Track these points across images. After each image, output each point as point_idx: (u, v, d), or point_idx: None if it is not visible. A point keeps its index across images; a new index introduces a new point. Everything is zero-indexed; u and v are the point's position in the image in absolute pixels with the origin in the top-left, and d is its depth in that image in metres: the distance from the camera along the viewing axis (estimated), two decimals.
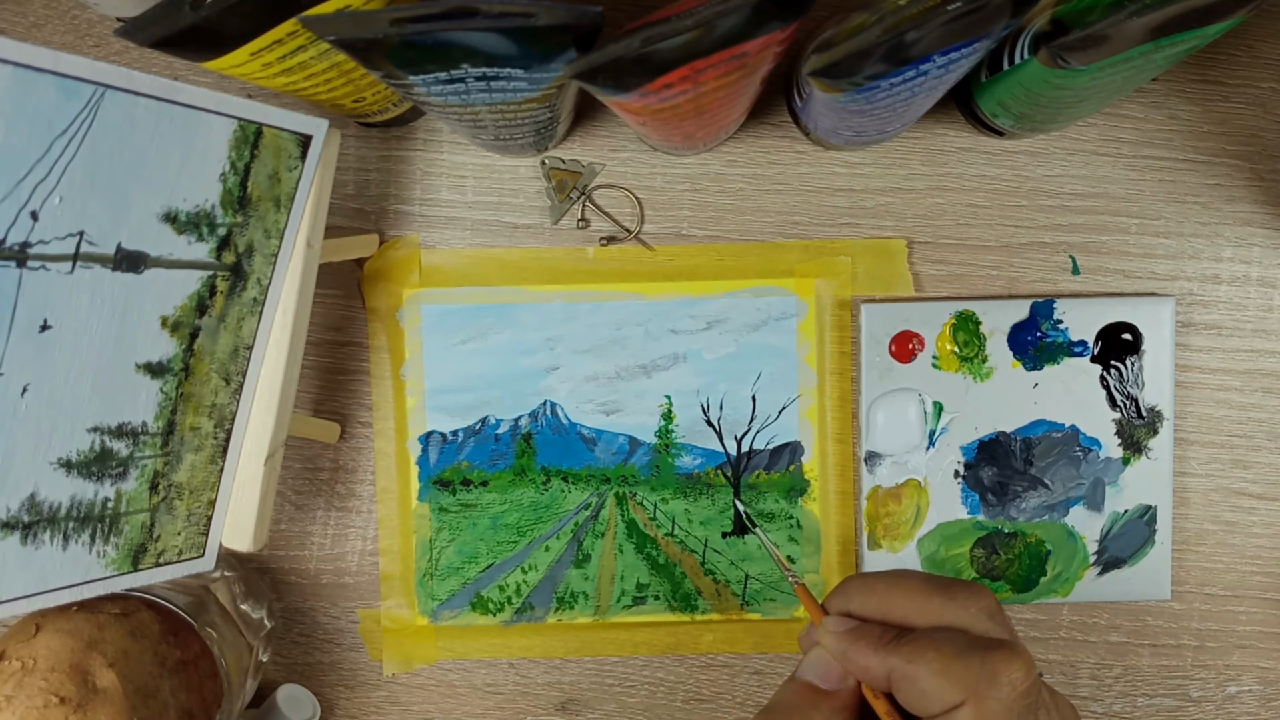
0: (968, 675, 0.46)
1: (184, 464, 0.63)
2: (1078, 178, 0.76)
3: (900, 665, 0.48)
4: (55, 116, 0.50)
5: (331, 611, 0.80)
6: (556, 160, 0.76)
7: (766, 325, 0.77)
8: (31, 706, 0.57)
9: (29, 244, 0.51)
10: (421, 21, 0.47)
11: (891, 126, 0.66)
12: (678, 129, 0.62)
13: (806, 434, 0.78)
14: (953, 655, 0.47)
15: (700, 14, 0.44)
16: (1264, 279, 0.77)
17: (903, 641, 0.49)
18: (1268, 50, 0.75)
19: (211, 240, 0.60)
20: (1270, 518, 0.79)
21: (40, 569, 0.57)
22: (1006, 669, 0.46)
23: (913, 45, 0.49)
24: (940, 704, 0.47)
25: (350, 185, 0.77)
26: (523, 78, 0.53)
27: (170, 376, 0.61)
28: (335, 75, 0.61)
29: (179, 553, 0.65)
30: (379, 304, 0.77)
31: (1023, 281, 0.77)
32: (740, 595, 0.79)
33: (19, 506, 0.55)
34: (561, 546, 0.79)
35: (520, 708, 0.80)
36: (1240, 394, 0.78)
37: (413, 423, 0.78)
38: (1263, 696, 0.80)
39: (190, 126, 0.56)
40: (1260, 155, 0.76)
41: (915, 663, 0.47)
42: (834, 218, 0.77)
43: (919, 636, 0.49)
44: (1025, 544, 0.77)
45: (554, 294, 0.77)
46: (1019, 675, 0.46)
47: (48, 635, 0.61)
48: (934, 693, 0.47)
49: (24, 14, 0.75)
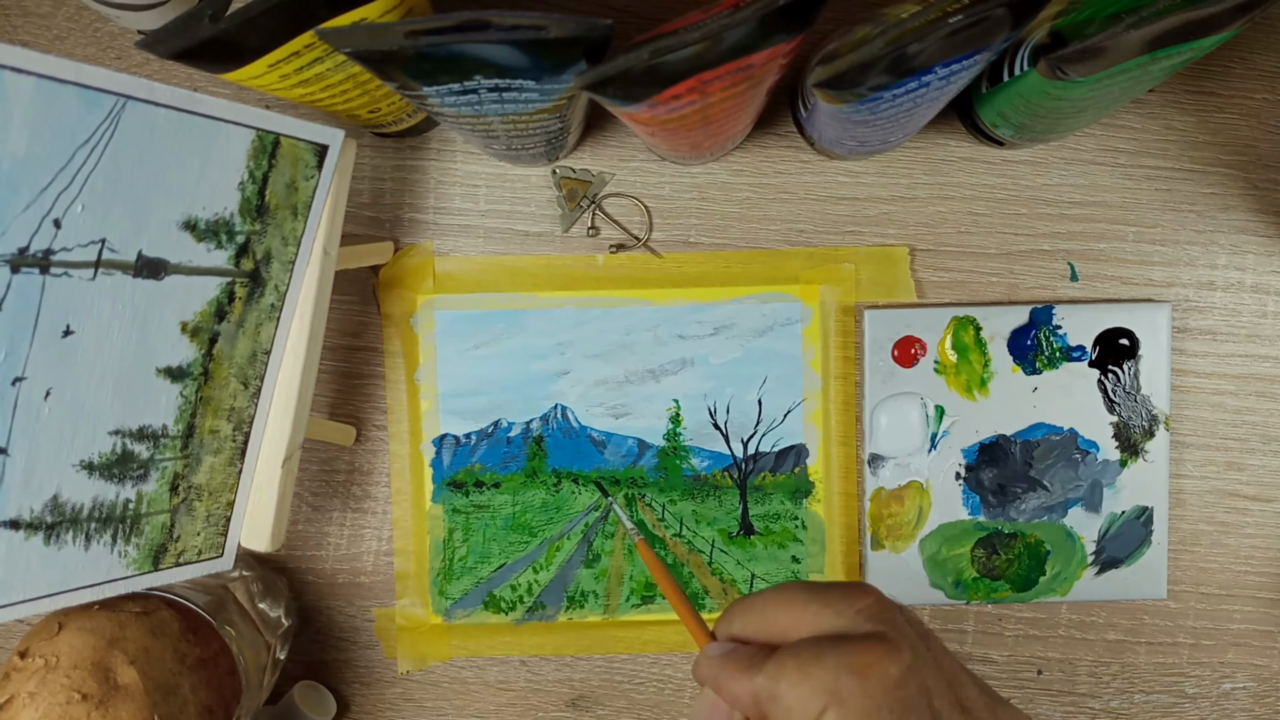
0: (825, 676, 0.41)
1: (203, 466, 0.64)
2: (1076, 186, 0.77)
3: (763, 685, 0.43)
4: (78, 127, 0.50)
5: (347, 610, 0.81)
6: (567, 169, 0.77)
7: (772, 330, 0.78)
8: (54, 703, 0.58)
9: (52, 251, 0.51)
10: (435, 34, 0.47)
11: (894, 137, 0.66)
12: (685, 139, 0.62)
13: (811, 437, 0.78)
14: (811, 658, 0.42)
15: (707, 27, 0.45)
16: (1258, 285, 0.78)
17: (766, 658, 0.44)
18: (1261, 62, 0.76)
19: (230, 247, 0.60)
20: (1264, 519, 0.79)
21: (63, 569, 0.58)
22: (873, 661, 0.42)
23: (915, 57, 0.49)
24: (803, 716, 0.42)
25: (366, 194, 0.77)
26: (534, 89, 0.53)
27: (190, 380, 0.61)
28: (351, 86, 0.62)
29: (198, 553, 0.66)
30: (394, 310, 0.78)
31: (1022, 288, 0.78)
32: (746, 594, 0.79)
33: (42, 507, 0.56)
34: (572, 547, 0.79)
35: (532, 704, 0.81)
36: (1235, 398, 0.78)
37: (427, 426, 0.79)
38: (1257, 693, 0.80)
39: (209, 136, 0.56)
40: (1254, 165, 0.77)
41: (775, 678, 0.43)
42: (838, 226, 0.77)
43: (781, 650, 0.44)
44: (1025, 544, 0.78)
45: (565, 300, 0.77)
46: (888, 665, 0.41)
47: (70, 633, 0.61)
48: (796, 705, 0.42)
49: (47, 27, 0.76)
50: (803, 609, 0.45)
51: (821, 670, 0.41)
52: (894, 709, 0.41)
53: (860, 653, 0.42)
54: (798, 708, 0.42)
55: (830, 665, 0.41)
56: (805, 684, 0.41)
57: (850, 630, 0.44)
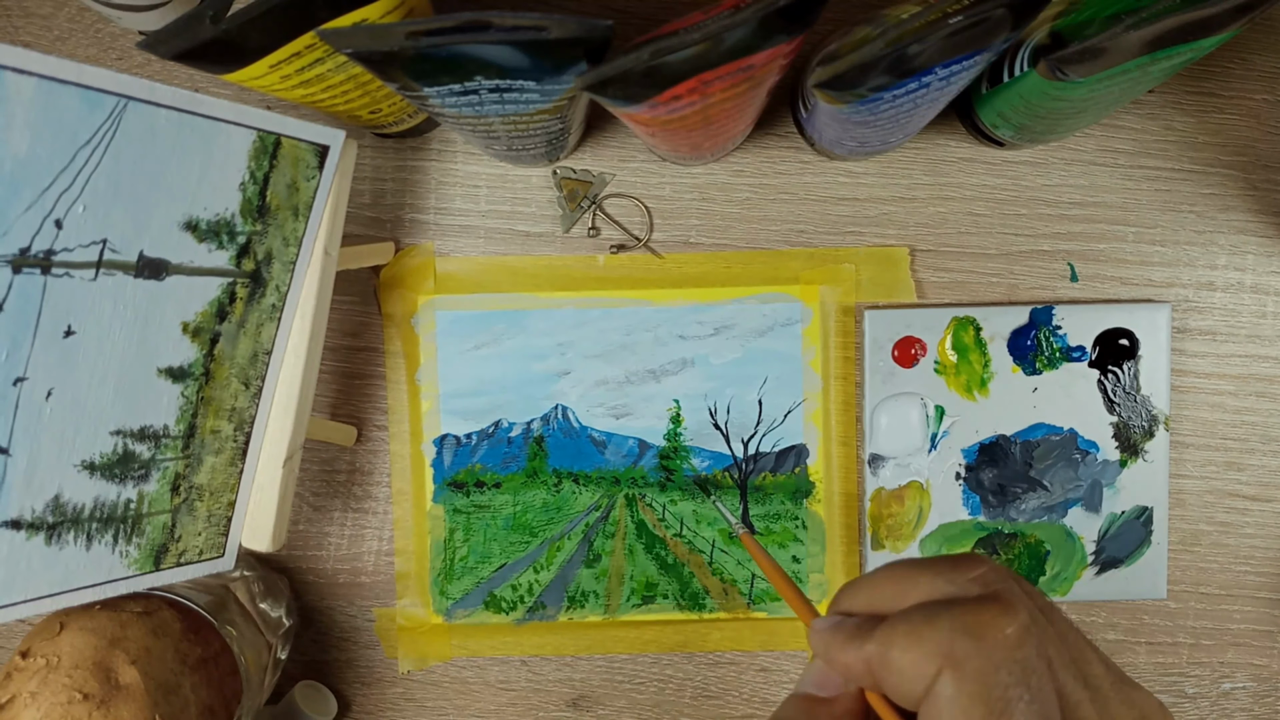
0: (939, 639, 0.39)
1: (204, 466, 0.64)
2: (1076, 187, 0.77)
3: (875, 651, 0.41)
4: (79, 127, 0.50)
5: (348, 610, 0.81)
6: (568, 170, 0.77)
7: (772, 331, 0.78)
8: (56, 703, 0.58)
9: (53, 252, 0.51)
10: (436, 35, 0.47)
11: (894, 137, 0.66)
12: (686, 139, 0.63)
13: (811, 437, 0.79)
14: (923, 621, 0.40)
15: (708, 27, 0.45)
16: (1258, 286, 0.78)
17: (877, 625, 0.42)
18: (1261, 63, 0.76)
19: (231, 248, 0.60)
20: (1263, 519, 0.79)
21: (64, 569, 0.58)
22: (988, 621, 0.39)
23: (915, 58, 0.50)
24: (918, 680, 0.39)
25: (367, 194, 0.77)
26: (535, 89, 0.53)
27: (191, 381, 0.61)
28: (352, 87, 0.62)
29: (199, 553, 0.66)
30: (395, 310, 0.78)
31: (1022, 288, 0.78)
32: (747, 594, 0.80)
33: (44, 508, 0.56)
34: (573, 547, 0.79)
35: (533, 704, 0.81)
36: (1234, 398, 0.78)
37: (427, 426, 0.79)
38: (1256, 693, 0.80)
39: (210, 137, 0.57)
40: (1254, 165, 0.77)
41: (886, 644, 0.41)
42: (838, 226, 0.77)
43: (892, 616, 0.42)
44: (1025, 544, 0.78)
45: (565, 300, 0.78)
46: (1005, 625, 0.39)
47: (71, 633, 0.61)
48: (909, 669, 0.39)
49: (49, 28, 0.76)
50: (912, 580, 0.44)
51: (934, 632, 0.39)
52: (1012, 669, 0.39)
53: (974, 613, 0.40)
54: (910, 671, 0.40)
55: (943, 627, 0.39)
56: (918, 647, 0.40)
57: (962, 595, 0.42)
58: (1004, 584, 0.42)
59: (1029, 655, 0.39)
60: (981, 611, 0.40)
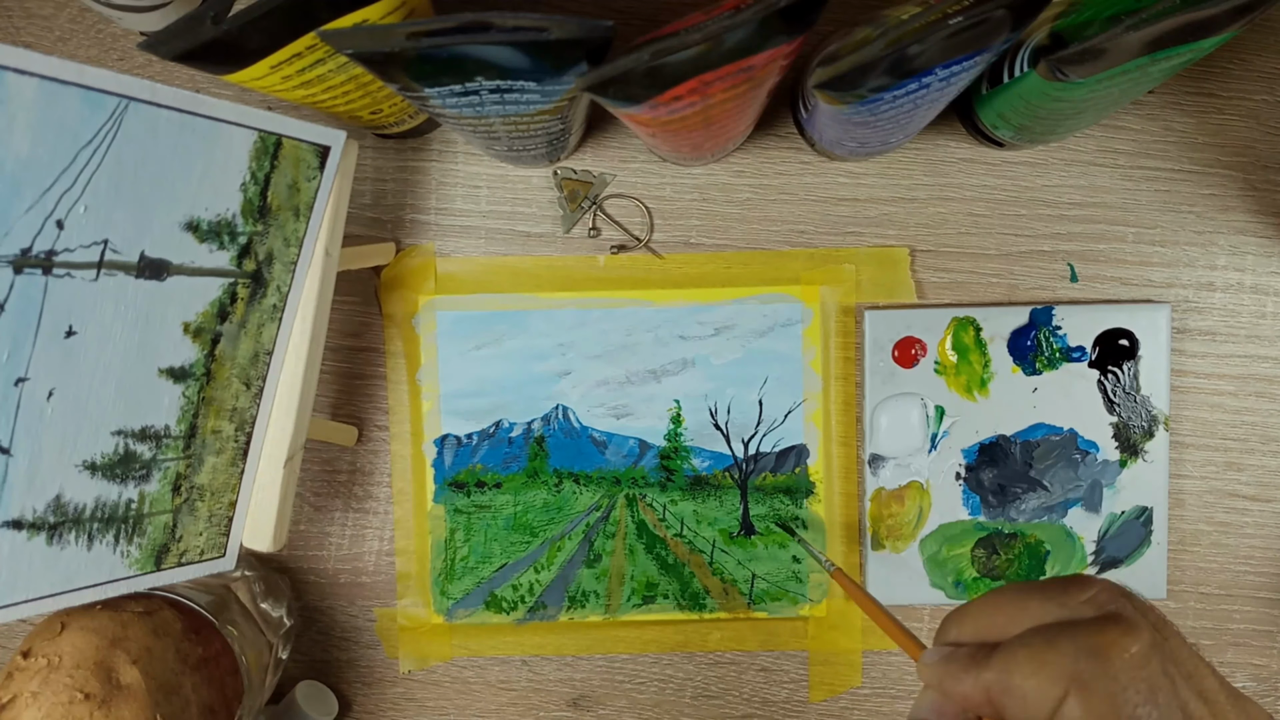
0: (1062, 662, 0.40)
1: (205, 466, 0.64)
2: (1076, 188, 0.77)
3: (995, 679, 0.41)
4: (81, 128, 0.50)
5: (349, 610, 0.81)
6: (568, 171, 0.77)
7: (773, 331, 0.78)
8: (57, 702, 0.58)
9: (55, 252, 0.51)
10: (437, 35, 0.47)
11: (894, 138, 0.66)
12: (686, 140, 0.63)
13: (812, 437, 0.79)
14: (1044, 646, 0.41)
15: (709, 28, 0.45)
16: (1257, 286, 0.78)
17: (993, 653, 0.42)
18: (1260, 64, 0.76)
19: (232, 248, 0.60)
20: (1263, 519, 0.79)
21: (65, 568, 0.58)
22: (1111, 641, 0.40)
23: (915, 59, 0.50)
24: (1043, 705, 0.40)
25: (368, 195, 0.77)
26: (535, 90, 0.53)
27: (192, 381, 0.61)
28: (353, 88, 0.62)
29: (200, 553, 0.66)
30: (395, 310, 0.78)
31: (1022, 289, 0.78)
32: (747, 595, 0.80)
33: (45, 508, 0.56)
34: (573, 547, 0.79)
35: (533, 704, 0.81)
36: (1234, 398, 0.78)
37: (428, 426, 0.79)
38: (1256, 693, 0.80)
39: (211, 138, 0.56)
40: (1253, 166, 0.77)
41: (1007, 670, 0.41)
42: (839, 227, 0.77)
43: (1009, 641, 0.42)
44: (1025, 544, 0.78)
45: (566, 301, 0.78)
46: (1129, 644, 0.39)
47: (72, 633, 0.61)
48: (1033, 695, 0.40)
49: (50, 28, 0.76)
50: (1021, 606, 0.44)
51: (1057, 656, 0.40)
52: (1139, 689, 0.39)
53: (1097, 634, 0.40)
54: (1035, 696, 0.40)
55: (1066, 650, 0.40)
56: (1042, 672, 0.40)
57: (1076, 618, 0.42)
58: (1119, 603, 0.42)
59: (1154, 673, 0.39)
60: (1104, 632, 0.40)
